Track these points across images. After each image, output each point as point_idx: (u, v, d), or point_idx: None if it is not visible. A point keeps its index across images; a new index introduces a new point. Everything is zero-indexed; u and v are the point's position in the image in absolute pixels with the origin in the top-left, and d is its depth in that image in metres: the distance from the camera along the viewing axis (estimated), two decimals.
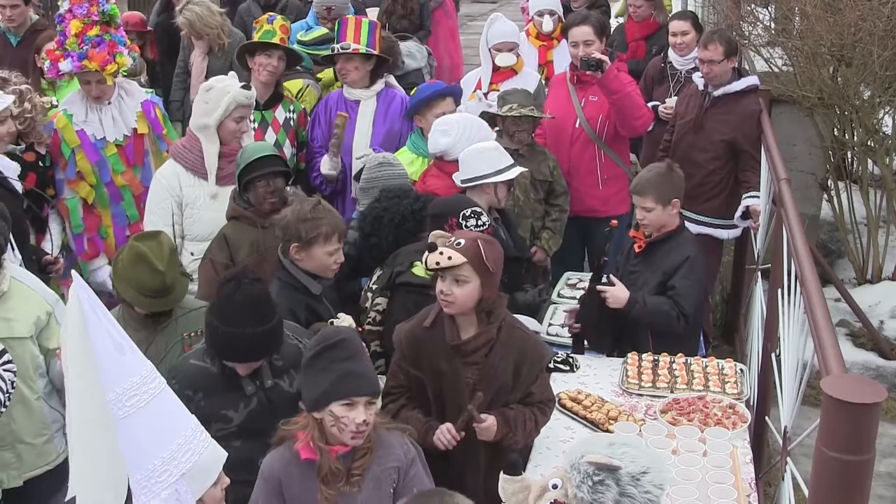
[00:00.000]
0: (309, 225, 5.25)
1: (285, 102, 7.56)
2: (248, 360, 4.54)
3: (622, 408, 5.43)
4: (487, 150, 6.22)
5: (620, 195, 7.66)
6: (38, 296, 5.05)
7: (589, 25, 7.60)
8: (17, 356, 4.91)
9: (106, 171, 6.98)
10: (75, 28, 6.71)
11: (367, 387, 4.02)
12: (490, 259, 4.59)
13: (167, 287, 5.02)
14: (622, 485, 3.34)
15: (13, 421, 4.98)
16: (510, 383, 4.79)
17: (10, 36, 9.24)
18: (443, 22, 12.86)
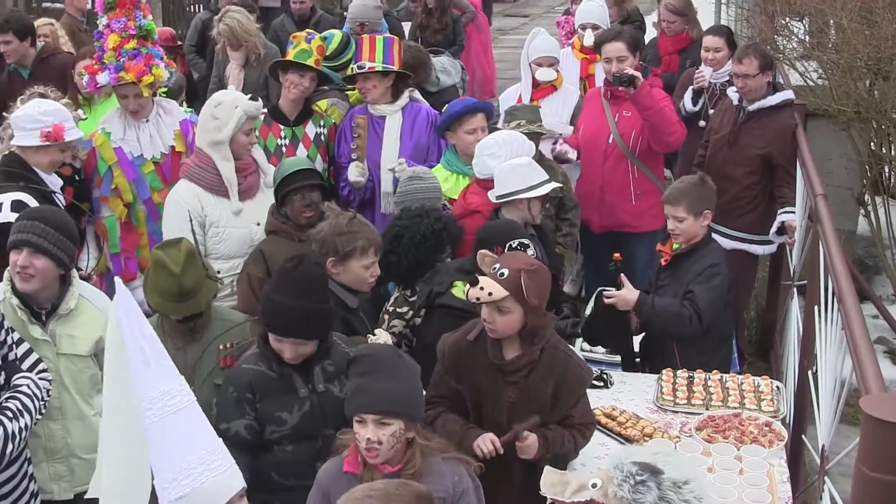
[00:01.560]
0: (345, 239, 5.28)
1: (315, 118, 7.55)
2: (298, 336, 4.59)
3: (657, 424, 5.39)
4: (521, 166, 6.19)
5: (654, 210, 7.61)
6: (103, 316, 5.03)
7: (622, 41, 7.58)
8: (78, 372, 5.00)
9: (144, 189, 6.96)
10: (113, 42, 6.76)
11: (372, 405, 4.03)
12: (532, 293, 4.56)
13: (186, 290, 5.09)
14: (663, 489, 3.33)
15: (69, 435, 5.04)
16: (549, 405, 4.76)
17: (21, 70, 9.42)
18: (475, 36, 12.91)
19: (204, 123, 6.43)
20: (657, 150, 7.69)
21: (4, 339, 4.63)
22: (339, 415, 4.50)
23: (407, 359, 4.19)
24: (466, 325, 4.93)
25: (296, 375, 4.64)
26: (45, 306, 4.93)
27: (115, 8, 6.77)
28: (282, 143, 7.35)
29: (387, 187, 7.30)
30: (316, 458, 4.60)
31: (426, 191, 6.31)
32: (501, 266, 4.63)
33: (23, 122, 6.14)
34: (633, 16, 11.31)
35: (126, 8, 6.78)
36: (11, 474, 4.60)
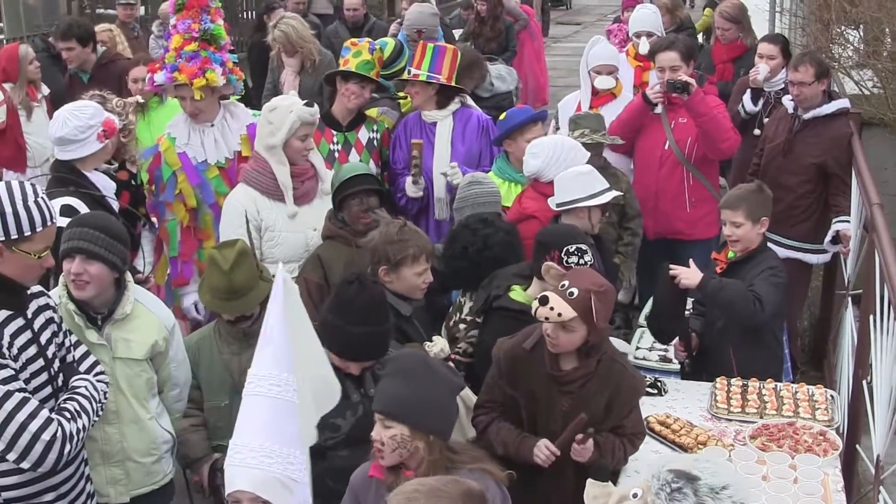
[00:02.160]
0: (396, 247, 5.31)
1: (368, 123, 7.57)
2: (367, 359, 4.68)
3: (711, 433, 5.39)
4: (582, 174, 6.18)
5: (708, 218, 7.62)
6: (158, 321, 5.12)
7: (676, 51, 7.59)
8: (134, 376, 5.02)
9: (208, 193, 6.89)
10: (175, 43, 6.76)
11: (377, 403, 4.11)
12: (601, 316, 4.59)
13: (236, 289, 5.18)
14: (700, 495, 3.31)
15: (125, 439, 5.06)
16: (602, 415, 4.78)
17: (81, 75, 9.56)
18: (528, 44, 12.93)
19: (260, 128, 6.49)
20: (711, 157, 7.68)
21: (63, 342, 4.67)
22: None
23: (439, 371, 4.16)
24: (523, 331, 4.94)
25: (348, 382, 4.68)
26: (101, 311, 4.96)
27: (184, 9, 6.77)
28: (334, 149, 7.38)
29: (440, 193, 7.32)
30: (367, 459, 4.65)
31: (486, 195, 6.31)
32: (571, 284, 4.63)
33: (76, 135, 6.18)
34: (685, 24, 11.33)
35: (193, 10, 6.75)
36: (69, 475, 4.62)
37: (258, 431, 3.31)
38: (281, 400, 3.36)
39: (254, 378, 3.39)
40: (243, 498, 3.30)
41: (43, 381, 4.46)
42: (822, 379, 7.58)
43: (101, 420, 4.86)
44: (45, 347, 4.49)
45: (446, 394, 4.12)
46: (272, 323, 3.44)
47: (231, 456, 3.33)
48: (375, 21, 11.94)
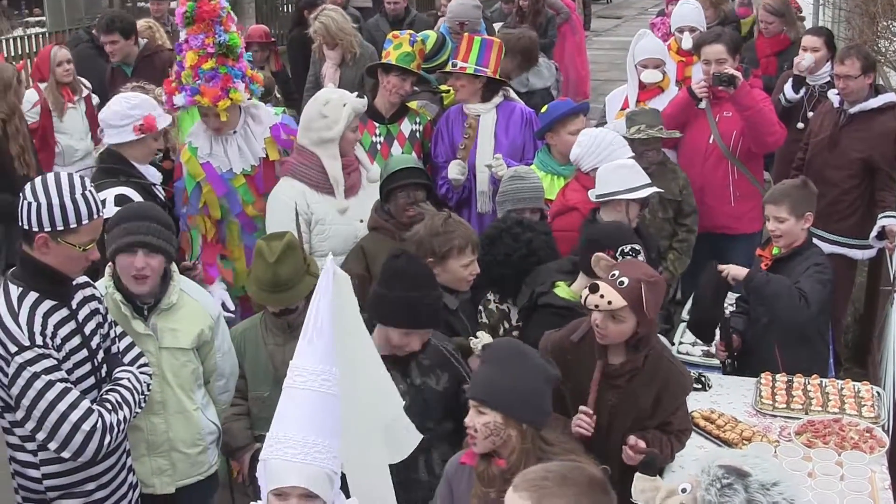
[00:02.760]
0: (441, 239, 5.30)
1: (411, 115, 7.56)
2: (427, 325, 4.66)
3: (755, 428, 5.35)
4: (623, 168, 6.16)
5: (753, 213, 7.55)
6: (204, 310, 5.14)
7: (722, 44, 7.53)
8: (180, 366, 5.04)
9: (235, 203, 6.71)
10: (190, 60, 6.43)
11: (471, 390, 4.12)
12: (650, 306, 4.55)
13: (281, 281, 5.20)
14: (751, 491, 3.27)
15: (171, 429, 5.08)
16: (649, 410, 4.75)
17: (124, 68, 9.61)
18: (569, 37, 12.89)
19: (311, 122, 6.40)
20: (757, 150, 7.61)
21: (108, 333, 4.70)
22: (438, 408, 4.58)
23: (534, 360, 4.11)
24: (570, 324, 4.92)
25: (394, 371, 4.62)
26: (147, 301, 4.98)
27: (194, 23, 6.42)
28: (377, 141, 7.37)
29: (482, 186, 7.30)
30: (418, 452, 4.60)
31: (528, 190, 6.28)
32: (621, 274, 4.59)
33: (114, 120, 6.16)
34: (730, 17, 11.23)
35: (205, 23, 6.40)
36: (110, 465, 4.65)
37: (308, 427, 3.29)
38: (329, 395, 3.35)
39: (301, 371, 3.37)
40: (293, 493, 3.29)
41: (86, 371, 4.49)
42: (865, 376, 7.50)
43: (147, 410, 4.89)
44: (90, 338, 4.52)
45: (541, 383, 4.07)
46: (322, 315, 3.42)
47: (278, 450, 3.31)
48: (416, 14, 11.93)
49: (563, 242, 6.07)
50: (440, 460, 4.71)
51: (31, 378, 4.23)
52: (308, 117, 6.46)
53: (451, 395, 4.71)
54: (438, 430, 4.69)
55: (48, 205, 4.25)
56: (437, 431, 4.68)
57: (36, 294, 4.33)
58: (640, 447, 4.61)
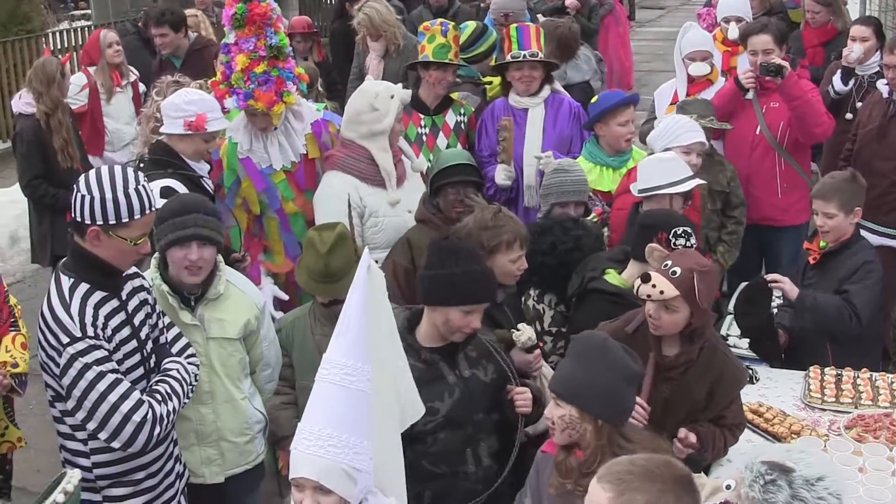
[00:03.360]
0: (490, 233, 5.27)
1: (455, 106, 7.53)
2: (487, 299, 4.63)
3: (804, 422, 5.31)
4: (665, 161, 6.12)
5: (800, 204, 7.50)
6: (250, 300, 5.17)
7: (769, 34, 7.48)
8: (227, 356, 5.08)
9: (275, 199, 6.72)
10: (241, 63, 6.37)
11: (551, 382, 4.16)
12: (703, 295, 4.53)
13: (331, 272, 5.21)
14: (795, 487, 3.25)
15: (219, 419, 5.11)
16: (703, 403, 4.74)
17: (173, 60, 9.66)
18: (613, 28, 12.86)
19: (359, 115, 6.38)
20: (804, 141, 7.55)
21: (156, 323, 4.73)
22: (486, 399, 4.58)
23: (616, 357, 4.04)
24: (625, 315, 4.91)
25: (442, 363, 4.65)
26: (194, 292, 5.02)
27: (245, 26, 6.36)
28: (422, 132, 7.35)
29: (529, 181, 7.26)
30: (467, 444, 4.63)
31: (572, 183, 6.25)
32: (674, 264, 4.58)
33: (169, 111, 6.17)
34: (776, 7, 11.13)
35: (256, 26, 6.36)
36: (159, 454, 4.68)
37: (326, 420, 3.28)
38: (353, 390, 3.33)
39: (325, 364, 3.38)
40: (306, 485, 3.29)
41: (136, 362, 4.53)
42: None
43: (195, 400, 4.93)
44: (139, 329, 4.55)
45: (620, 380, 4.02)
46: (351, 310, 3.42)
47: (298, 441, 3.32)
48: (460, 5, 11.90)
49: (622, 222, 6.16)
50: (488, 452, 4.71)
51: (83, 369, 4.27)
52: (356, 110, 6.44)
53: (497, 387, 4.69)
54: (486, 422, 4.67)
55: (101, 198, 4.27)
56: (484, 423, 4.66)
57: (87, 285, 4.36)
58: (689, 441, 4.59)
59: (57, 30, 17.34)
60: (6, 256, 10.85)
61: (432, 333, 4.66)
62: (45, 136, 8.25)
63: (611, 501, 3.07)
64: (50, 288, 4.41)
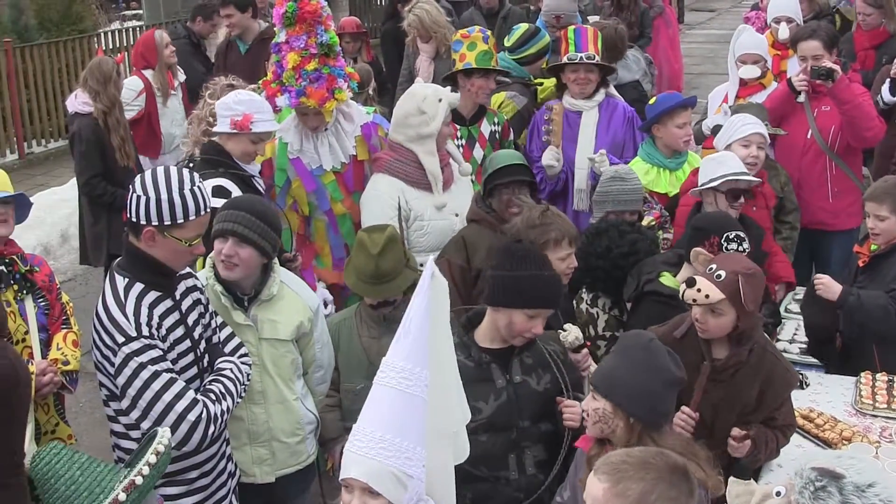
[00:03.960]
0: (538, 231, 5.27)
1: (489, 115, 7.47)
2: (546, 305, 4.58)
3: (855, 428, 5.27)
4: (711, 160, 6.18)
5: (851, 209, 7.45)
6: (303, 302, 5.18)
7: (818, 40, 7.44)
8: (280, 357, 5.08)
9: (324, 200, 6.71)
10: (292, 61, 6.37)
11: (593, 375, 4.20)
12: (749, 298, 4.53)
13: (382, 273, 5.21)
14: (845, 494, 3.23)
15: (271, 419, 5.12)
16: (753, 405, 4.73)
17: (239, 44, 9.66)
18: (663, 31, 12.81)
19: (407, 118, 6.39)
20: (855, 145, 7.49)
21: (209, 323, 4.76)
22: (535, 407, 4.54)
23: (659, 360, 4.04)
24: (674, 320, 4.91)
25: (494, 365, 4.62)
26: (247, 293, 5.04)
27: (295, 24, 6.37)
28: (458, 144, 7.20)
29: (580, 184, 7.25)
30: (510, 449, 4.59)
31: (628, 192, 6.24)
32: (718, 267, 4.58)
33: (220, 110, 6.17)
34: (825, 10, 11.05)
35: (307, 24, 6.36)
36: (212, 454, 4.70)
37: (380, 422, 3.28)
38: (409, 394, 3.32)
39: (384, 367, 3.37)
40: (355, 486, 3.30)
41: (189, 361, 4.55)
42: None
43: (247, 400, 4.95)
44: (192, 329, 4.58)
45: (659, 383, 4.01)
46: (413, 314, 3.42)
47: (350, 441, 3.33)
48: (511, 7, 11.89)
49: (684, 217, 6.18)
50: (533, 461, 4.64)
51: (138, 368, 4.29)
52: (404, 113, 6.44)
53: (550, 398, 4.64)
54: (532, 431, 4.60)
55: (157, 199, 4.30)
56: (531, 431, 4.60)
57: (142, 285, 4.39)
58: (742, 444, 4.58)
59: (109, 30, 17.48)
60: (57, 255, 10.95)
61: (491, 334, 4.64)
62: (103, 134, 8.31)
63: (606, 492, 3.12)
64: (105, 287, 4.45)
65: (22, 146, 14.69)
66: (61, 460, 3.16)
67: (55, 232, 11.28)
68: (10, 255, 5.33)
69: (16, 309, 5.27)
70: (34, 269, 5.46)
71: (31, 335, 5.33)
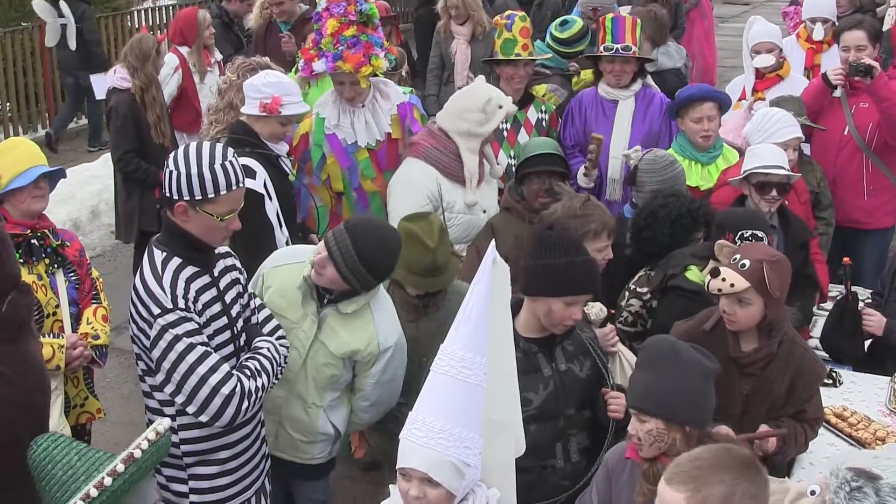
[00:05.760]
0: (579, 221, 5.24)
1: (537, 103, 7.47)
2: (594, 289, 4.57)
3: (890, 428, 5.23)
4: (758, 150, 6.11)
5: (887, 207, 7.42)
6: (375, 337, 4.95)
7: (863, 30, 7.37)
8: (322, 365, 4.93)
9: (355, 177, 6.74)
10: (331, 27, 6.43)
11: (630, 399, 4.04)
12: (774, 285, 4.49)
13: (438, 266, 5.13)
14: (882, 495, 3.21)
15: (286, 406, 5.03)
16: (783, 398, 4.69)
17: (281, 25, 9.64)
18: (698, 23, 12.70)
19: (465, 111, 6.34)
20: (893, 143, 7.41)
21: (247, 303, 4.73)
22: (579, 395, 4.54)
23: (688, 357, 3.96)
24: (701, 313, 4.87)
25: (540, 354, 4.61)
26: (330, 291, 4.93)
27: None
28: (503, 128, 7.19)
29: (614, 174, 7.22)
30: (556, 438, 4.59)
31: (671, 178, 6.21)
32: (742, 257, 4.55)
33: (248, 91, 6.16)
34: (866, 5, 10.96)
35: None
36: (245, 434, 4.67)
37: (439, 412, 3.26)
38: (468, 384, 3.31)
39: (443, 356, 3.34)
40: (414, 475, 3.28)
41: (226, 338, 4.53)
42: None
43: None
44: (230, 307, 4.55)
45: (698, 380, 3.93)
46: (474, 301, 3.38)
47: (409, 431, 3.30)
48: None
49: None
50: (578, 448, 4.66)
51: (173, 340, 4.28)
52: (463, 106, 6.39)
53: (592, 384, 4.65)
54: (577, 418, 4.62)
55: (187, 174, 4.27)
56: (575, 419, 4.61)
57: (179, 259, 4.38)
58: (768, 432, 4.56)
59: (142, 8, 17.50)
60: (86, 231, 10.98)
61: (532, 324, 4.61)
62: (139, 110, 8.32)
63: (688, 501, 3.06)
64: (143, 261, 4.43)
65: (53, 122, 14.72)
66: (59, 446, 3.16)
67: (85, 208, 11.32)
68: (42, 229, 5.34)
69: (47, 282, 5.29)
70: (65, 244, 5.46)
71: (61, 309, 5.34)
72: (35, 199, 5.29)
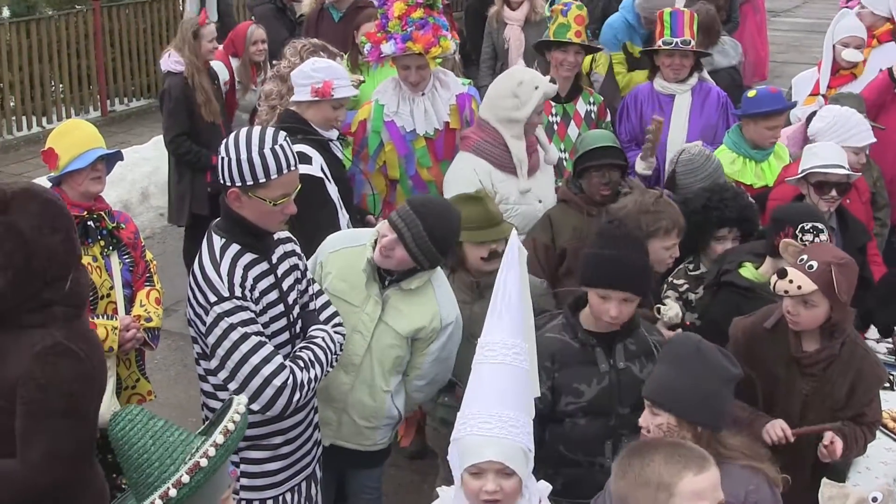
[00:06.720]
0: (650, 217, 5.23)
1: (585, 94, 7.41)
2: (647, 290, 4.55)
3: None
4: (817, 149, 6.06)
5: None
6: (438, 310, 5.00)
7: None
8: (388, 346, 4.95)
9: (412, 165, 6.77)
10: (398, 10, 6.48)
11: (645, 389, 4.07)
12: (842, 289, 4.44)
13: (493, 215, 5.24)
14: None
15: (352, 393, 5.03)
16: (843, 401, 4.65)
17: (333, 11, 9.60)
18: (751, 17, 12.62)
19: (500, 99, 6.29)
20: None
21: (305, 289, 4.72)
22: (634, 395, 4.46)
23: (712, 359, 3.92)
24: (762, 310, 4.82)
25: (599, 349, 4.58)
26: (392, 274, 4.95)
27: None
28: (553, 121, 7.19)
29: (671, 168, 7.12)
30: (607, 435, 4.57)
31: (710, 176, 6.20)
32: (810, 258, 4.49)
33: (298, 79, 6.16)
34: None
35: None
36: (298, 420, 4.68)
37: (505, 401, 3.26)
38: (522, 369, 3.32)
39: (492, 346, 3.34)
40: (489, 468, 3.25)
41: (281, 326, 4.53)
42: None
43: (339, 366, 4.86)
44: (287, 293, 4.55)
45: (718, 383, 3.90)
46: (510, 289, 3.38)
47: (472, 426, 3.28)
48: None
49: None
50: None
51: (228, 329, 4.29)
52: (497, 93, 6.35)
53: None
54: (631, 419, 4.52)
55: (237, 159, 4.28)
56: (628, 419, 4.52)
57: (238, 246, 4.38)
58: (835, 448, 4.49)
59: None
60: (136, 213, 11.01)
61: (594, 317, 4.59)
62: (191, 93, 8.37)
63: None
64: (202, 247, 4.44)
65: (105, 104, 14.81)
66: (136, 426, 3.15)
67: (135, 190, 11.37)
68: (98, 210, 5.37)
69: (102, 264, 5.32)
70: (120, 226, 5.48)
71: (115, 291, 5.37)
72: (92, 181, 5.32)
